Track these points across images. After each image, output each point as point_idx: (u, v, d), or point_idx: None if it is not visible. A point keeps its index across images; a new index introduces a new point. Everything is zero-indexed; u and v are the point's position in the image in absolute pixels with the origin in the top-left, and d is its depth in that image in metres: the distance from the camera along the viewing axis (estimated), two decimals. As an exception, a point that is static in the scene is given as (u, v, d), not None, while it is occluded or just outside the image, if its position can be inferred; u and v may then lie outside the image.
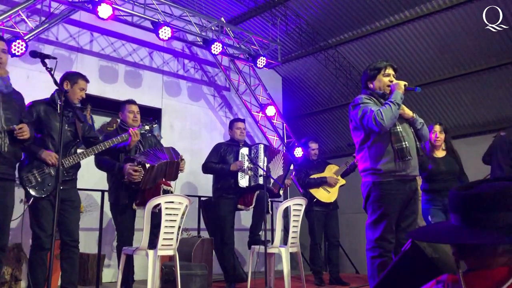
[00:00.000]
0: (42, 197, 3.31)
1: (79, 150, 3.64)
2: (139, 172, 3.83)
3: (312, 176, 5.50)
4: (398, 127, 2.97)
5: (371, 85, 3.12)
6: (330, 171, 5.61)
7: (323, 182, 5.47)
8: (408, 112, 3.11)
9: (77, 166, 3.59)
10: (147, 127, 4.09)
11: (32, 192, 3.27)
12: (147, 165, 3.84)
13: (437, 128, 4.53)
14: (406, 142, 2.94)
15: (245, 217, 6.60)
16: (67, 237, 3.45)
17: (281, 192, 5.12)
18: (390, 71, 3.10)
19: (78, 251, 3.58)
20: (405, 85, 3.03)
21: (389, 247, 2.89)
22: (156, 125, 4.22)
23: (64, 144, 3.41)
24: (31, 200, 3.28)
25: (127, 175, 3.83)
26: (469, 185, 1.02)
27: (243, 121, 5.13)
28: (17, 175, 3.33)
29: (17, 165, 3.31)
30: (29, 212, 3.34)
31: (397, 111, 2.90)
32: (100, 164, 4.03)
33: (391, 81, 3.09)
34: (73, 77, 3.61)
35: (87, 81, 3.67)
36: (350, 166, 5.53)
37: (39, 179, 3.31)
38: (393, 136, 2.94)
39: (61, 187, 3.36)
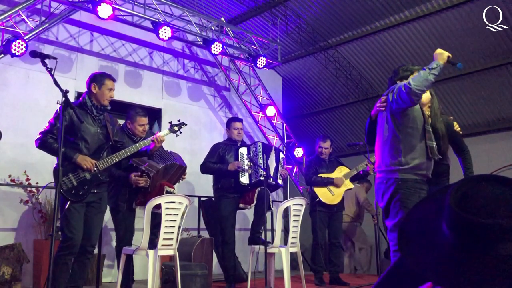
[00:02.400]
0: (77, 201, 3.32)
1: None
2: (144, 179, 3.87)
3: (320, 175, 5.42)
4: (429, 127, 3.01)
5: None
6: (340, 172, 5.49)
7: (329, 183, 5.37)
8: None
9: (109, 169, 3.61)
10: (175, 128, 4.11)
11: (68, 196, 3.27)
12: (151, 174, 3.87)
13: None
14: (435, 143, 2.98)
15: (245, 217, 6.60)
16: (85, 241, 3.43)
17: (280, 181, 5.07)
18: None
19: (92, 257, 3.57)
20: (448, 56, 2.93)
21: None
22: (185, 125, 4.22)
23: (97, 147, 3.45)
24: (68, 204, 3.28)
25: (134, 184, 3.90)
26: (464, 192, 0.91)
27: (240, 120, 5.12)
28: (52, 179, 3.38)
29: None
30: (61, 215, 3.32)
31: (429, 77, 2.79)
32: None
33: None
34: (99, 78, 3.58)
35: (114, 80, 3.66)
36: (363, 172, 5.46)
37: (74, 183, 3.32)
38: (427, 133, 2.95)
39: (94, 190, 3.40)
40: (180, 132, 4.17)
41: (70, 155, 3.31)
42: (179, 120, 4.18)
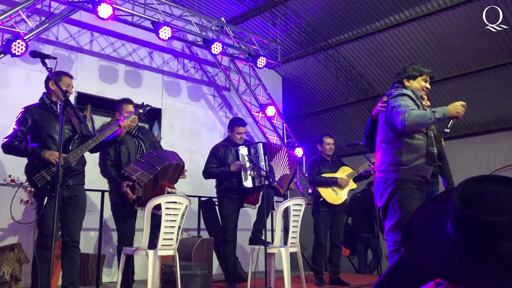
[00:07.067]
0: (53, 195, 3.33)
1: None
2: (137, 190, 3.84)
3: (323, 175, 5.40)
4: (431, 132, 2.99)
5: (407, 83, 3.10)
6: (343, 172, 5.47)
7: (333, 183, 5.36)
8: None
9: (83, 161, 3.60)
10: (140, 110, 4.01)
11: (46, 192, 3.30)
12: (142, 184, 3.81)
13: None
14: (436, 148, 2.97)
15: (246, 218, 6.60)
16: (66, 237, 3.46)
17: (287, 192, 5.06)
18: (428, 78, 3.13)
19: (79, 251, 3.58)
20: (458, 115, 2.75)
21: None
22: (149, 107, 4.15)
23: (64, 141, 3.44)
24: (45, 201, 3.29)
25: (125, 194, 3.87)
26: (468, 191, 0.92)
27: (245, 125, 4.93)
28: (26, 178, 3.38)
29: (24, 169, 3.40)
30: (36, 211, 3.35)
31: (428, 123, 2.81)
32: (104, 174, 4.09)
33: (428, 88, 3.12)
34: (56, 76, 3.55)
35: (71, 77, 3.68)
36: (364, 173, 5.45)
37: (48, 178, 3.33)
38: (429, 139, 2.95)
39: (71, 183, 3.43)
40: (145, 115, 4.12)
41: (38, 152, 3.34)
42: (143, 103, 4.12)
